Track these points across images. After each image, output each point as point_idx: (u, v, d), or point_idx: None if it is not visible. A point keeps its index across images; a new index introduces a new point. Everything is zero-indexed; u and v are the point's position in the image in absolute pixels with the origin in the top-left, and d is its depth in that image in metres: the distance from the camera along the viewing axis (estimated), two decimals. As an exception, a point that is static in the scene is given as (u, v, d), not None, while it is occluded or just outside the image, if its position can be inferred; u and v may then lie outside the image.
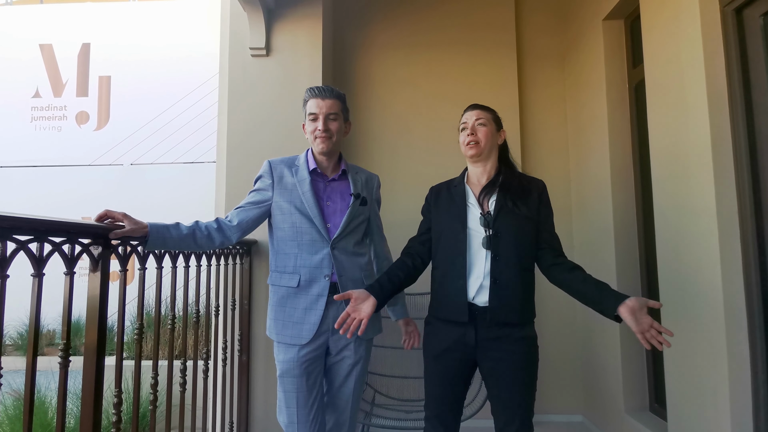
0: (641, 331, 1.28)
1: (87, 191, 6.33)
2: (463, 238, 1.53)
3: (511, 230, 1.51)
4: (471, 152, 1.59)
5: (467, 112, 1.66)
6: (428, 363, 1.59)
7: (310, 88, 1.69)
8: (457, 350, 1.52)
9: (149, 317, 4.64)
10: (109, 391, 1.52)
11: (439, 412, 1.56)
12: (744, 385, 1.65)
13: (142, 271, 1.54)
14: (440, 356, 1.55)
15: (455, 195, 1.62)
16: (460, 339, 1.51)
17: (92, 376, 1.29)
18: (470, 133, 1.59)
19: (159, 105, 6.57)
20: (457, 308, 1.50)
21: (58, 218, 1.17)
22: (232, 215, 1.67)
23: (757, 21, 1.66)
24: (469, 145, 1.59)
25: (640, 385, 2.51)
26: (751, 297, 1.66)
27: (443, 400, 1.55)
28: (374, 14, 3.25)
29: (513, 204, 1.53)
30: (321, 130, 1.64)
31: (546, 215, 1.59)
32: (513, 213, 1.52)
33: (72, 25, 6.70)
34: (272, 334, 1.67)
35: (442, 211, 1.62)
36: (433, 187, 1.73)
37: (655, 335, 1.27)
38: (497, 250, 1.49)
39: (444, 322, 1.55)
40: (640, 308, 1.30)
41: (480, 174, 1.63)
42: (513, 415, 1.48)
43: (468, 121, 1.62)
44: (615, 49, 2.67)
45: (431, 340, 1.59)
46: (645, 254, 2.52)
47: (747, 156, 1.69)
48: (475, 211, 1.56)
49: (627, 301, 1.32)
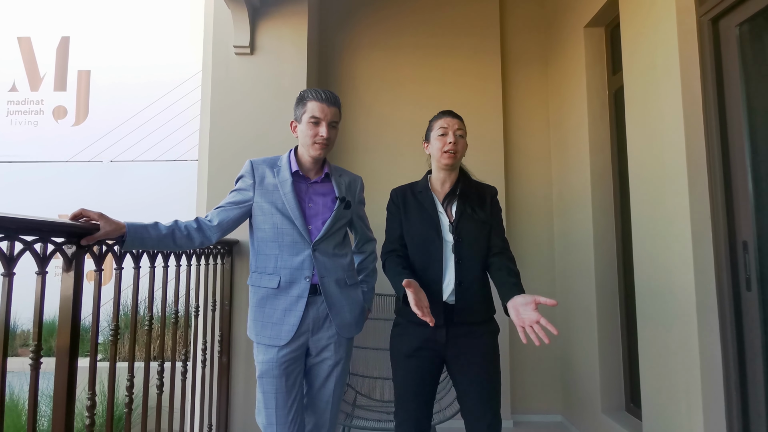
0: (520, 324, 1.32)
1: (65, 189, 6.17)
2: (439, 246, 1.58)
3: (471, 235, 1.59)
4: (449, 160, 1.63)
5: (447, 117, 1.68)
6: (399, 363, 1.60)
7: (315, 90, 1.65)
8: (428, 348, 1.56)
9: (126, 318, 4.55)
10: (84, 393, 1.48)
11: (412, 414, 1.56)
12: (716, 385, 1.70)
13: (119, 271, 1.51)
14: (412, 355, 1.57)
15: (423, 201, 1.65)
16: (431, 337, 1.56)
17: (65, 379, 1.26)
18: (453, 141, 1.62)
19: (140, 101, 6.44)
20: (433, 312, 1.51)
21: (29, 216, 1.14)
22: (212, 215, 1.65)
23: (733, 31, 1.70)
24: (448, 153, 1.62)
25: (617, 385, 2.56)
26: (723, 300, 1.71)
27: (416, 399, 1.56)
28: (360, 15, 3.25)
29: (472, 210, 1.61)
30: (324, 137, 1.63)
31: (498, 220, 1.67)
32: (472, 219, 1.60)
33: (51, 17, 6.54)
34: (252, 335, 1.66)
35: (413, 217, 1.64)
36: (397, 189, 1.73)
37: (538, 330, 1.29)
38: (461, 254, 1.56)
39: (417, 324, 1.57)
40: (525, 304, 1.34)
41: (444, 180, 1.68)
42: (483, 407, 1.51)
43: (448, 128, 1.64)
44: (596, 56, 2.72)
45: (402, 340, 1.61)
46: (623, 258, 2.57)
47: (720, 163, 1.74)
48: (444, 219, 1.62)
49: (514, 298, 1.38)
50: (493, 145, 3.12)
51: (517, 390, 3.03)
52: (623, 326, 2.56)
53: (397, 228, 1.68)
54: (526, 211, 3.17)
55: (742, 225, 1.67)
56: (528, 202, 3.18)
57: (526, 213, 3.17)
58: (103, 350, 4.18)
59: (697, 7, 1.82)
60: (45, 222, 1.20)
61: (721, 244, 1.72)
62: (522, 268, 3.06)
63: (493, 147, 3.12)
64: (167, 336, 1.91)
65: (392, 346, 1.65)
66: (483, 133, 3.11)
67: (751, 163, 1.64)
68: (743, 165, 1.66)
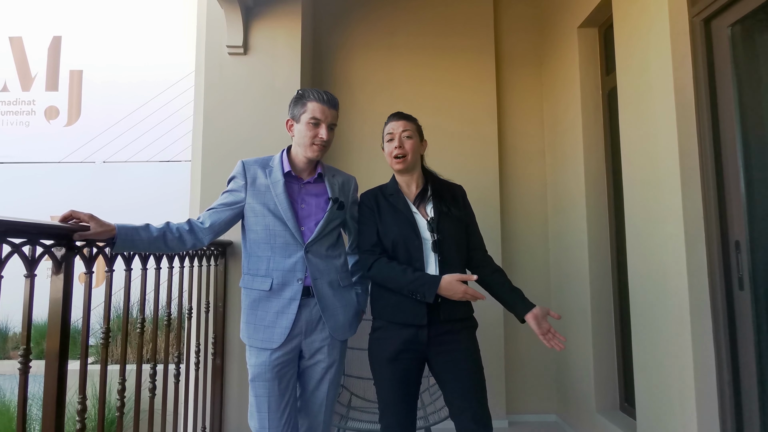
0: (542, 333, 1.53)
1: (56, 190, 6.11)
2: (418, 245, 1.59)
3: (452, 233, 1.62)
4: (399, 166, 1.66)
5: (392, 121, 1.70)
6: (381, 368, 1.59)
7: (316, 91, 1.64)
8: (410, 350, 1.56)
9: (118, 320, 4.51)
10: (75, 397, 1.47)
11: (398, 417, 1.55)
12: (709, 383, 1.71)
13: (109, 273, 1.50)
14: (395, 359, 1.56)
15: (396, 203, 1.65)
16: (413, 338, 1.56)
17: (54, 382, 1.24)
18: (398, 145, 1.64)
19: (133, 101, 6.39)
20: (416, 312, 1.55)
21: (17, 218, 1.13)
22: (204, 216, 1.64)
23: (725, 31, 1.71)
24: (396, 158, 1.64)
25: (611, 385, 2.56)
26: (716, 299, 1.71)
27: (401, 402, 1.56)
28: (354, 15, 3.24)
29: (448, 209, 1.64)
30: (323, 139, 1.62)
31: (471, 217, 1.74)
32: (450, 217, 1.64)
33: (43, 17, 6.48)
34: (244, 338, 1.64)
35: (388, 220, 1.64)
36: (366, 192, 1.73)
37: (553, 338, 1.53)
38: (443, 252, 1.59)
39: (398, 325, 1.57)
40: (543, 316, 1.54)
41: (408, 182, 1.70)
42: (470, 400, 1.52)
43: (394, 131, 1.66)
44: (589, 56, 2.73)
45: (382, 344, 1.59)
46: (617, 258, 2.58)
47: (712, 162, 1.75)
48: (419, 218, 1.63)
49: (534, 310, 1.55)
50: (487, 145, 3.12)
51: (512, 390, 3.03)
52: (617, 325, 2.57)
53: (373, 234, 1.65)
54: (520, 212, 3.18)
55: (734, 225, 1.68)
56: (523, 203, 3.19)
57: (521, 213, 3.17)
58: (94, 353, 4.14)
59: (689, 7, 1.82)
60: (33, 224, 1.18)
61: (714, 244, 1.72)
62: (517, 269, 3.10)
63: (487, 147, 3.12)
64: (160, 338, 1.89)
65: (372, 351, 1.63)
66: (477, 133, 3.12)
67: (743, 162, 1.65)
68: (735, 165, 1.67)
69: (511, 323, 3.07)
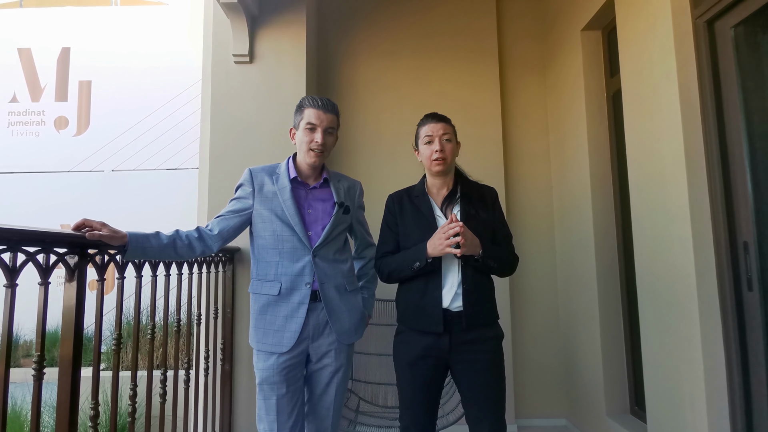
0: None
1: (66, 198, 6.19)
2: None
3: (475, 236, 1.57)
4: (439, 168, 1.62)
5: (431, 123, 1.66)
6: (402, 371, 1.60)
7: (312, 97, 1.67)
8: (431, 356, 1.55)
9: (129, 327, 4.55)
10: (87, 403, 1.49)
11: (416, 420, 1.56)
12: (720, 387, 1.69)
13: (121, 280, 1.52)
14: (415, 363, 1.56)
15: (420, 206, 1.64)
16: (434, 345, 1.54)
17: (68, 389, 1.26)
18: (439, 149, 1.61)
19: (141, 111, 6.47)
20: (433, 320, 1.53)
21: (31, 227, 1.15)
22: (212, 224, 1.66)
23: (728, 33, 1.71)
24: (437, 161, 1.61)
25: (621, 388, 2.54)
26: (725, 301, 1.70)
27: (420, 406, 1.56)
28: (358, 21, 3.27)
29: (475, 212, 1.61)
30: (319, 143, 1.64)
31: (501, 221, 1.69)
32: (476, 220, 1.59)
33: (52, 29, 6.59)
34: (253, 343, 1.66)
35: (410, 224, 1.64)
36: (393, 195, 1.73)
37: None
38: (466, 257, 1.54)
39: (418, 332, 1.57)
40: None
41: (441, 185, 1.68)
42: (488, 413, 1.51)
43: (433, 134, 1.63)
44: (593, 58, 2.73)
45: (404, 348, 1.60)
46: (624, 260, 2.57)
47: (719, 163, 1.74)
48: (441, 222, 1.60)
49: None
50: (492, 148, 3.13)
51: (521, 394, 3.01)
52: (626, 328, 2.56)
53: (390, 241, 1.67)
54: (526, 214, 3.17)
55: (742, 226, 1.67)
56: (528, 205, 3.18)
57: (527, 216, 3.17)
58: (105, 360, 4.18)
59: (692, 9, 1.82)
60: (47, 233, 1.21)
61: (722, 245, 1.72)
62: (524, 272, 3.09)
63: (492, 150, 3.12)
64: (170, 344, 1.91)
65: (395, 354, 1.64)
66: (482, 136, 3.12)
67: (749, 163, 1.65)
68: (742, 165, 1.66)
69: (519, 326, 3.06)
